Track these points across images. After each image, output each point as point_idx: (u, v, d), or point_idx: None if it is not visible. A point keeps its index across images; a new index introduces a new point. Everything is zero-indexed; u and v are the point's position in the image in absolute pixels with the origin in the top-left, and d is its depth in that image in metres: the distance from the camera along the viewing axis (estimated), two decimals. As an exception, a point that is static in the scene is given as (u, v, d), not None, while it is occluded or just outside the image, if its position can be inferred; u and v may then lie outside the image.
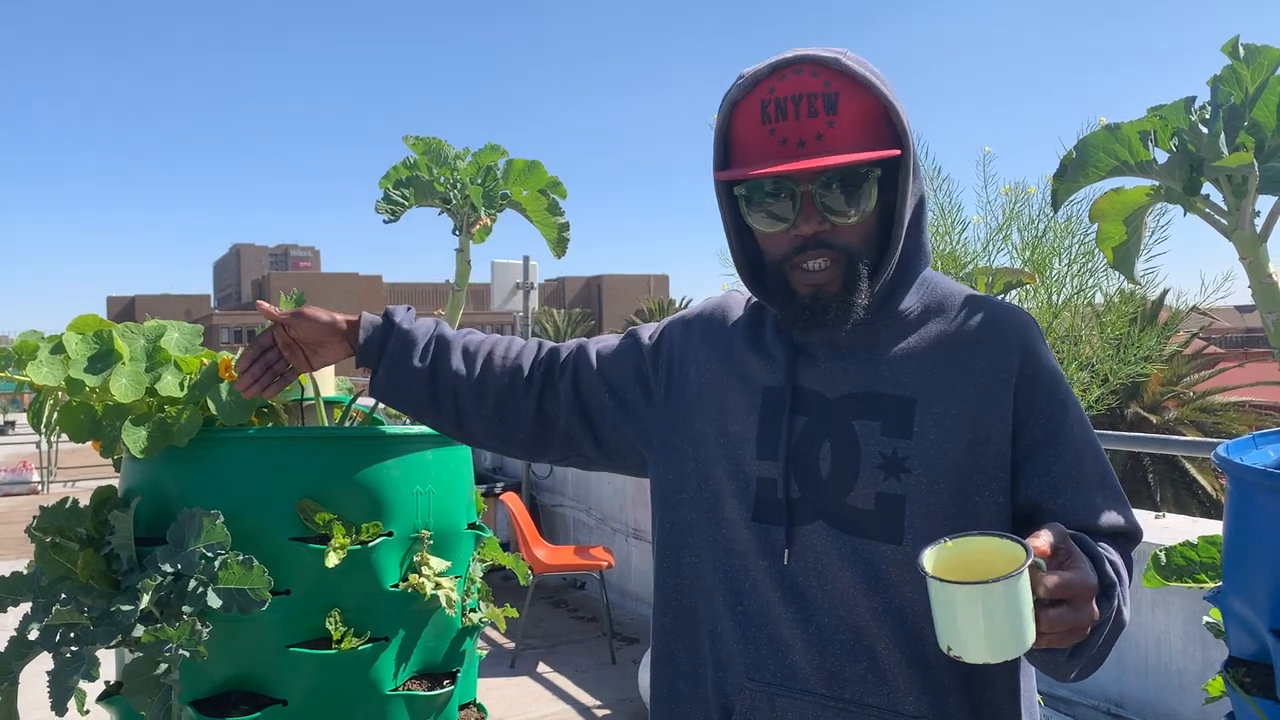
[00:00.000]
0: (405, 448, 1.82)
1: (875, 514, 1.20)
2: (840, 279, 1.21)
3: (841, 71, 1.17)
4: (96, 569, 1.68)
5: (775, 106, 1.17)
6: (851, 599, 1.21)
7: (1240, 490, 1.38)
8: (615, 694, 4.94)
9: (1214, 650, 3.05)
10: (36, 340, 1.77)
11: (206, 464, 1.74)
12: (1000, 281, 2.60)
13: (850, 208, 1.18)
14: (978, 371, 1.23)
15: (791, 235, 1.20)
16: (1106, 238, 1.65)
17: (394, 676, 1.78)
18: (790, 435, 1.25)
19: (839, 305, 1.21)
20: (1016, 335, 1.26)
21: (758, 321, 1.36)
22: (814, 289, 1.21)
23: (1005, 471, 1.22)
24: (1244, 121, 1.40)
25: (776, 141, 1.16)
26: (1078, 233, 3.72)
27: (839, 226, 1.19)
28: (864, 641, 1.20)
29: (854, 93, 1.17)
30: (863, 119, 1.17)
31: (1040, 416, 1.23)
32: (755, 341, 1.34)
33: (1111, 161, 1.48)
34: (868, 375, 1.25)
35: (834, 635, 1.21)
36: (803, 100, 1.16)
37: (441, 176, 1.96)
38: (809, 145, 1.15)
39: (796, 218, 1.19)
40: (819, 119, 1.15)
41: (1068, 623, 0.98)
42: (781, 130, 1.16)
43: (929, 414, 1.21)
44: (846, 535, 1.20)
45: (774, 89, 1.17)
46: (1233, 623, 1.41)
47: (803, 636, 1.22)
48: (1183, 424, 19.16)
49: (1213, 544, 1.61)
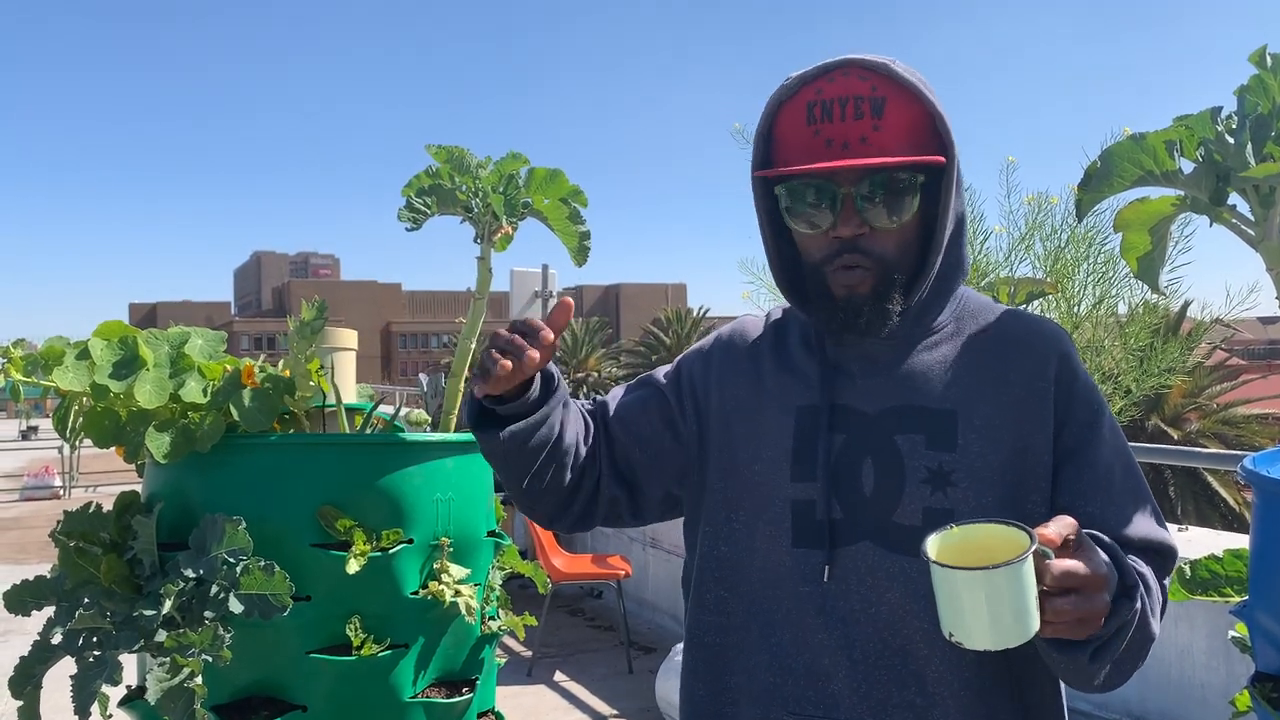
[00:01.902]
0: (426, 455, 1.82)
1: (923, 530, 1.13)
2: (872, 284, 1.19)
3: (889, 77, 1.16)
4: (119, 574, 1.69)
5: (821, 108, 1.15)
6: (899, 621, 1.16)
7: (1267, 503, 1.37)
8: (632, 703, 4.92)
9: (1238, 665, 3.02)
10: (63, 346, 1.79)
11: (229, 470, 1.75)
12: (1022, 291, 2.58)
13: (890, 214, 1.16)
14: (1015, 382, 1.22)
15: (830, 237, 1.18)
16: (1131, 248, 1.63)
17: (413, 683, 1.78)
18: (829, 454, 1.21)
19: (872, 310, 1.19)
20: (1052, 345, 1.25)
21: (782, 340, 1.33)
22: (849, 291, 1.19)
23: (1048, 480, 1.21)
24: (1271, 131, 1.39)
25: (821, 142, 1.15)
26: (1099, 243, 3.70)
27: (877, 232, 1.17)
28: (911, 665, 1.16)
29: (901, 99, 1.16)
30: (909, 126, 1.16)
31: (1075, 425, 1.22)
32: (783, 361, 1.30)
33: (1136, 171, 1.47)
34: (907, 389, 1.22)
35: (880, 660, 1.17)
36: (849, 102, 1.14)
37: (463, 185, 1.97)
38: (853, 147, 1.14)
39: (836, 220, 1.17)
40: (865, 121, 1.14)
41: (1076, 612, 0.96)
42: (826, 131, 1.15)
43: (971, 425, 1.19)
44: (894, 554, 1.16)
45: (821, 90, 1.16)
46: (1259, 637, 1.39)
47: (846, 663, 1.18)
48: (1205, 436, 19.00)
49: (1238, 557, 1.59)
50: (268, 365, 1.89)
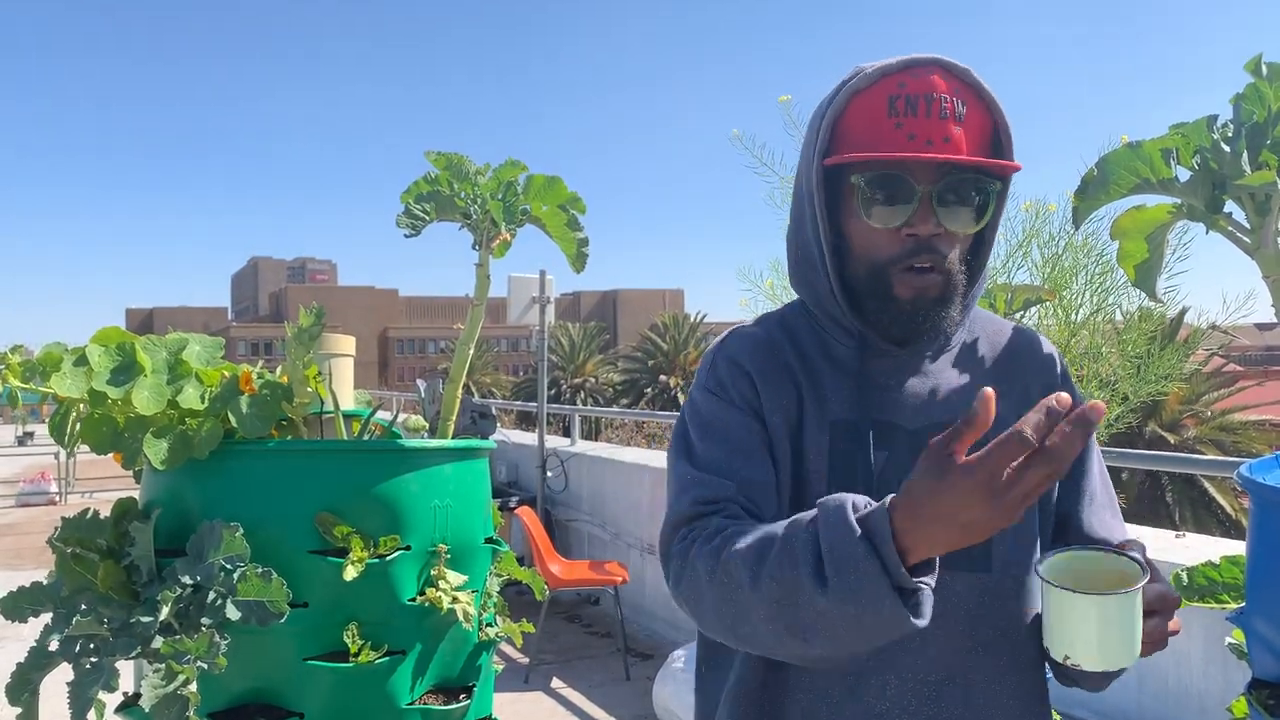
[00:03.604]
0: (423, 461, 1.82)
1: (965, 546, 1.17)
2: (940, 287, 1.16)
3: (967, 82, 1.15)
4: (116, 580, 1.68)
5: (905, 102, 1.13)
6: (943, 635, 1.15)
7: (1264, 510, 1.37)
8: (629, 710, 4.92)
9: (1235, 672, 3.02)
10: (60, 352, 1.78)
11: (226, 476, 1.75)
12: (1019, 298, 2.59)
13: (969, 216, 1.15)
14: (1035, 397, 1.22)
15: (903, 235, 1.15)
16: (1128, 256, 1.64)
17: (410, 690, 1.78)
18: (872, 471, 1.17)
19: (935, 315, 1.17)
20: (1056, 361, 1.29)
21: (801, 350, 1.27)
22: (917, 293, 1.16)
23: (1056, 488, 1.24)
24: (1266, 139, 1.40)
25: (903, 136, 1.13)
26: (1097, 250, 3.71)
27: (950, 235, 1.15)
28: (957, 679, 1.16)
29: (975, 106, 1.15)
30: (981, 133, 1.15)
31: None
32: (811, 375, 1.24)
33: (1133, 179, 1.47)
34: (941, 403, 1.21)
35: (925, 676, 1.16)
36: (935, 100, 1.13)
37: (462, 191, 1.97)
38: (936, 145, 1.12)
39: (913, 216, 1.14)
40: (948, 122, 1.13)
41: (1161, 632, 1.02)
42: (909, 125, 1.13)
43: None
44: (941, 570, 1.15)
45: (904, 84, 1.14)
46: (1256, 644, 1.39)
47: (894, 681, 1.16)
48: (1201, 443, 19.02)
49: (1235, 564, 1.59)
50: (265, 371, 1.89)
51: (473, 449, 1.94)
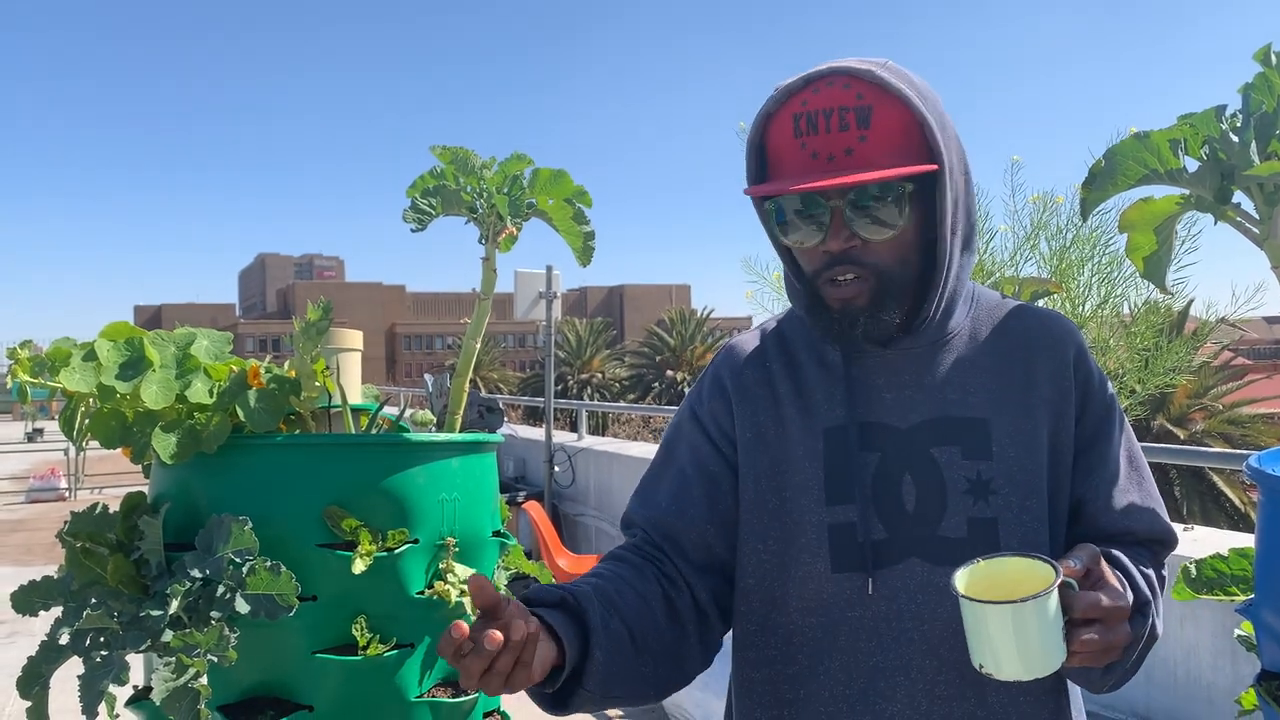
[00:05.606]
0: (431, 455, 1.83)
1: (969, 541, 1.15)
2: (868, 295, 1.17)
3: (875, 84, 1.13)
4: (126, 574, 1.69)
5: (807, 120, 1.13)
6: (954, 635, 1.12)
7: (1273, 502, 1.37)
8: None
9: (1244, 664, 3.02)
10: (69, 347, 1.79)
11: (235, 470, 1.76)
12: (1027, 291, 2.58)
13: (880, 225, 1.14)
14: (1042, 383, 1.22)
15: (821, 251, 1.17)
16: (1136, 248, 1.63)
17: (419, 683, 1.79)
18: (865, 473, 1.18)
19: (869, 320, 1.17)
20: (1070, 339, 1.26)
21: (792, 358, 1.29)
22: (843, 303, 1.18)
23: (1070, 476, 1.22)
24: (1275, 129, 1.39)
25: (807, 156, 1.13)
26: (1104, 242, 3.70)
27: (869, 243, 1.15)
28: (969, 678, 1.14)
29: (888, 106, 1.13)
30: (898, 133, 1.13)
31: (1092, 417, 1.23)
32: (800, 382, 1.26)
33: (1141, 170, 1.46)
34: (936, 400, 1.21)
35: (937, 677, 1.16)
36: (834, 114, 1.12)
37: (468, 186, 1.97)
38: (839, 160, 1.12)
39: (826, 234, 1.15)
40: (850, 133, 1.12)
41: (1100, 642, 0.98)
42: (812, 144, 1.13)
43: (1004, 432, 1.19)
44: (942, 568, 1.14)
45: (806, 102, 1.14)
46: (1265, 636, 1.39)
47: (905, 684, 1.16)
48: (1210, 436, 18.95)
49: (1244, 556, 1.59)
50: (274, 366, 1.89)
51: (480, 443, 1.94)
